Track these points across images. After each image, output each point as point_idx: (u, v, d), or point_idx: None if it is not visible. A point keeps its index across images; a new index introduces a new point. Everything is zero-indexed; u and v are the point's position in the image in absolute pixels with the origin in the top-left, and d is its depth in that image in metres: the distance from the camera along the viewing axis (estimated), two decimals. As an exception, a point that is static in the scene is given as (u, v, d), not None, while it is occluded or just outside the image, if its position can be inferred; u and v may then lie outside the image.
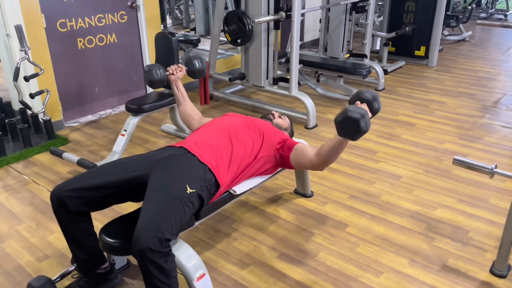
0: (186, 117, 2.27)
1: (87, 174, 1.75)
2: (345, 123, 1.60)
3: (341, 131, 1.64)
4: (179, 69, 2.32)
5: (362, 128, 1.58)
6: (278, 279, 1.99)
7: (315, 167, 1.94)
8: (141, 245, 1.40)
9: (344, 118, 1.59)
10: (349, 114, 1.58)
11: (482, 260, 2.10)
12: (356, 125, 1.58)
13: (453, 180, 2.82)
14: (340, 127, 1.63)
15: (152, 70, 2.25)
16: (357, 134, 1.61)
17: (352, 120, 1.58)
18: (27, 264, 2.10)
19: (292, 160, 1.99)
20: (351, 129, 1.60)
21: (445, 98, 4.33)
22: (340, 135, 1.66)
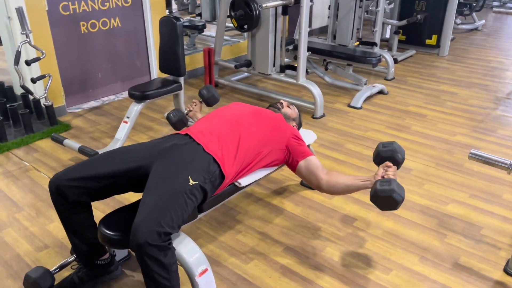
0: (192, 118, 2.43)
1: (88, 163, 1.68)
2: (386, 200, 1.61)
3: (377, 201, 1.65)
4: (194, 104, 2.41)
5: (397, 200, 1.59)
6: (282, 274, 1.93)
7: (318, 189, 1.91)
8: (139, 239, 1.33)
9: (388, 197, 1.60)
10: (395, 197, 1.59)
11: (495, 259, 2.02)
12: (395, 205, 1.61)
13: (465, 174, 2.72)
14: (379, 200, 1.64)
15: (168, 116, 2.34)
16: (389, 209, 1.65)
17: (395, 202, 1.60)
18: (26, 253, 2.04)
19: (300, 168, 1.93)
20: (388, 205, 1.63)
21: (456, 89, 4.21)
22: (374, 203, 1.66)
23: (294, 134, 1.97)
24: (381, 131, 3.32)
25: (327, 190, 1.87)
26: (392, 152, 1.81)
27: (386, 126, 3.40)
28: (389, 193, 1.59)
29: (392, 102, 3.91)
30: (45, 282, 1.76)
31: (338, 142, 3.15)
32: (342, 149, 3.05)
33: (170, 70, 3.10)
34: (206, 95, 2.42)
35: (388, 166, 1.73)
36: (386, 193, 1.59)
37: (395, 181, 1.63)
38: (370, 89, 3.92)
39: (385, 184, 1.61)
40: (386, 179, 1.65)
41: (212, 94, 2.42)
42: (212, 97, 2.43)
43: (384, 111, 3.71)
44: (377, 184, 1.63)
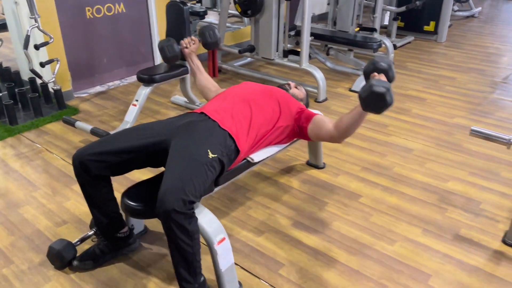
0: (203, 88, 2.30)
1: (109, 139, 1.76)
2: (371, 98, 1.60)
3: (366, 106, 1.65)
4: (192, 42, 2.30)
5: (388, 102, 1.59)
6: (293, 246, 2.02)
7: (333, 140, 1.95)
8: (166, 206, 1.42)
9: (370, 94, 1.59)
10: (375, 89, 1.57)
11: (494, 231, 2.13)
12: (383, 100, 1.58)
13: (464, 153, 2.83)
14: (366, 103, 1.64)
15: (164, 47, 2.22)
16: (382, 108, 1.62)
17: (378, 95, 1.58)
18: (46, 228, 2.13)
19: (310, 131, 2.00)
20: (377, 103, 1.60)
21: (455, 74, 4.30)
22: (366, 110, 1.66)
23: (299, 106, 2.07)
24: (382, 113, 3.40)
25: (341, 136, 1.89)
26: (374, 63, 1.77)
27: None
28: (369, 88, 1.57)
29: (393, 86, 3.97)
30: (68, 253, 1.86)
31: (341, 124, 3.24)
32: (345, 131, 3.14)
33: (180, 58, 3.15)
34: (210, 40, 2.33)
35: (373, 76, 1.71)
36: (366, 90, 1.58)
37: (375, 79, 1.62)
38: (370, 73, 4.00)
39: (365, 85, 1.62)
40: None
41: (216, 40, 2.34)
42: (215, 43, 2.35)
43: (385, 95, 3.80)
44: (360, 90, 1.64)
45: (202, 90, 2.32)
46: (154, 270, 1.88)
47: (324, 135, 1.97)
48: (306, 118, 2.02)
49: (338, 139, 1.93)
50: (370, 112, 1.68)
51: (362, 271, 1.88)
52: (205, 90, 2.30)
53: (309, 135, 2.02)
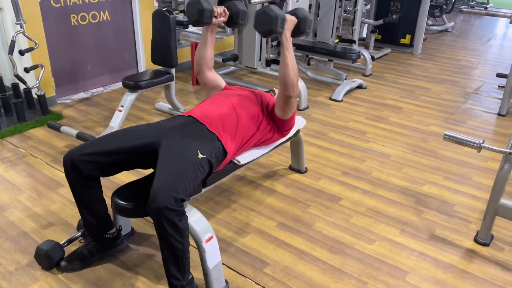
0: (202, 60, 2.22)
1: (100, 140, 1.80)
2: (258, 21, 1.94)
3: (260, 30, 1.95)
4: (223, 14, 2.11)
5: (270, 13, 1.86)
6: (278, 246, 2.09)
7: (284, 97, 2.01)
8: (158, 203, 1.47)
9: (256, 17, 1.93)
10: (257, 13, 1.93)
11: (467, 231, 2.25)
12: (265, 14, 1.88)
13: (439, 159, 2.97)
14: (258, 28, 1.96)
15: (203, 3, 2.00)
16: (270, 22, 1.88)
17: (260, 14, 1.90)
18: (32, 231, 2.14)
19: (275, 110, 2.10)
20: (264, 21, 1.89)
21: (429, 85, 4.49)
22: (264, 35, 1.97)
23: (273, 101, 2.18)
24: (361, 121, 3.54)
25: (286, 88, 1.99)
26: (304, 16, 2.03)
27: (366, 117, 3.63)
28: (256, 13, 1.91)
29: (371, 96, 4.14)
30: (56, 253, 1.88)
31: (322, 131, 3.35)
32: (326, 137, 3.25)
33: (162, 62, 3.21)
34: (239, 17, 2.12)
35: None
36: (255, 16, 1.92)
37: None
38: (350, 83, 4.15)
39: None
40: None
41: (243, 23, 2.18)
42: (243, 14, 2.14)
43: (363, 104, 3.94)
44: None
45: (199, 61, 2.22)
46: (141, 270, 1.92)
47: (278, 101, 2.07)
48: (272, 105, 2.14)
49: (286, 91, 1.98)
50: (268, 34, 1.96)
51: (343, 269, 1.96)
52: (203, 62, 2.22)
53: (277, 114, 2.10)
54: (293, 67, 1.96)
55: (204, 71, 2.23)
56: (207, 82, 2.25)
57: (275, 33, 1.93)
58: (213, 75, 2.26)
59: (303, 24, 2.01)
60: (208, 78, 2.24)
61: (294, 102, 2.07)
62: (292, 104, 2.07)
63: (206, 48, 2.20)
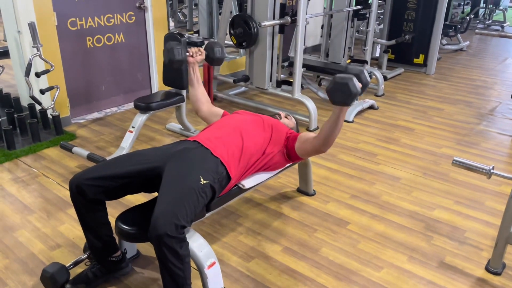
0: (196, 101, 2.30)
1: (105, 164, 1.83)
2: (335, 89, 1.73)
3: (334, 98, 1.76)
4: (199, 53, 2.25)
5: (352, 89, 1.70)
6: (282, 272, 2.07)
7: (317, 149, 2.02)
8: (158, 230, 1.48)
9: (334, 84, 1.73)
10: (338, 80, 1.72)
11: (478, 258, 2.19)
12: (346, 88, 1.70)
13: (450, 183, 2.91)
14: (332, 95, 1.75)
15: (174, 49, 2.14)
16: (348, 97, 1.72)
17: (341, 84, 1.70)
18: (40, 252, 2.16)
19: (297, 149, 2.09)
20: (342, 93, 1.72)
21: (443, 105, 4.44)
22: (334, 102, 1.76)
23: (287, 131, 2.18)
24: (372, 143, 3.51)
25: (324, 144, 1.96)
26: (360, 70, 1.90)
27: (377, 139, 3.60)
28: (333, 80, 1.73)
29: (382, 116, 4.12)
30: (61, 276, 1.89)
31: (332, 153, 3.33)
32: (335, 159, 3.23)
33: (173, 84, 3.27)
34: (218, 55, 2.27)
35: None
36: (331, 82, 1.73)
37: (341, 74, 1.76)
38: (361, 104, 4.13)
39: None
40: None
41: (222, 57, 2.30)
42: (221, 60, 2.31)
43: (375, 124, 3.92)
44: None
45: (195, 103, 2.31)
46: (145, 294, 1.92)
47: (308, 147, 2.06)
48: (293, 139, 2.13)
49: (322, 147, 1.99)
50: (339, 105, 1.78)
51: (348, 297, 1.93)
52: (198, 103, 2.30)
53: (297, 152, 2.10)
54: (339, 130, 1.94)
55: (202, 109, 2.31)
56: (207, 117, 2.32)
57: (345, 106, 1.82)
58: (211, 108, 2.32)
59: (361, 90, 1.88)
60: (206, 115, 2.31)
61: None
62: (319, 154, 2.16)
63: (194, 88, 2.30)
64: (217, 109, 2.34)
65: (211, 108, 2.33)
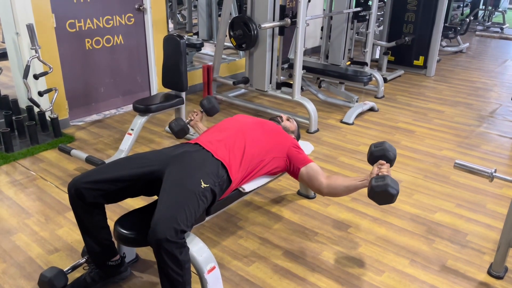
0: None
1: (104, 168, 1.81)
2: (382, 195, 1.75)
3: (374, 197, 1.77)
4: (195, 114, 2.57)
5: (394, 200, 1.74)
6: (283, 276, 2.05)
7: (319, 192, 2.07)
8: (158, 235, 1.46)
9: (384, 192, 1.73)
10: (390, 191, 1.72)
11: (480, 262, 2.17)
12: (391, 198, 1.74)
13: (451, 185, 2.89)
14: (375, 196, 1.76)
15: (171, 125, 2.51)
16: (386, 203, 1.76)
17: (390, 195, 1.73)
18: (37, 256, 2.14)
19: (302, 175, 2.08)
20: (385, 199, 1.75)
21: (443, 107, 4.43)
22: (372, 198, 1.78)
23: (294, 143, 2.13)
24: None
25: (328, 193, 2.02)
26: (384, 151, 1.96)
27: (377, 141, 3.57)
28: (384, 187, 1.72)
29: (382, 118, 4.10)
30: (59, 281, 1.86)
31: (332, 155, 3.31)
32: (336, 161, 3.21)
33: (173, 85, 3.25)
34: (207, 106, 2.59)
35: (381, 164, 1.88)
36: (381, 188, 1.72)
37: (389, 177, 1.76)
38: (361, 106, 4.12)
39: (380, 180, 1.75)
40: (381, 176, 1.78)
41: (213, 105, 2.59)
42: (213, 108, 2.59)
43: (375, 127, 3.90)
44: (372, 181, 1.77)
45: None
46: (144, 299, 1.90)
47: (313, 185, 2.06)
48: (302, 161, 2.10)
49: (325, 194, 2.05)
50: (374, 201, 1.80)
51: (350, 302, 1.91)
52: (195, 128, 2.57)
53: (300, 178, 2.10)
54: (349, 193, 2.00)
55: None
56: None
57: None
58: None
59: (393, 163, 1.98)
60: None
61: None
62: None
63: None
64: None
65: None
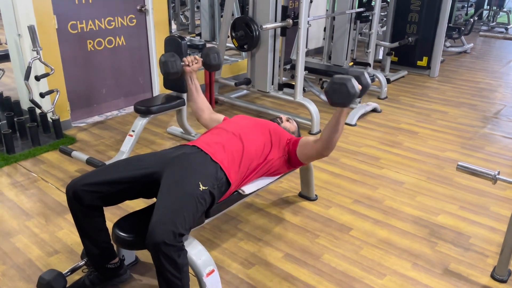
0: (196, 109, 2.30)
1: (102, 170, 1.80)
2: (334, 90, 1.72)
3: (332, 99, 1.75)
4: (195, 61, 2.25)
5: (350, 90, 1.70)
6: (283, 279, 2.03)
7: (319, 153, 2.01)
8: (155, 238, 1.44)
9: (333, 85, 1.72)
10: (336, 80, 1.72)
11: (483, 265, 2.14)
12: (344, 88, 1.70)
13: (455, 187, 2.86)
14: (331, 95, 1.74)
15: (168, 62, 2.17)
16: (347, 98, 1.71)
17: (339, 85, 1.71)
18: (37, 258, 2.13)
19: (299, 153, 2.07)
20: (340, 94, 1.72)
21: (446, 108, 4.39)
22: (333, 103, 1.75)
23: (289, 137, 2.14)
24: (375, 146, 3.47)
25: (325, 146, 1.95)
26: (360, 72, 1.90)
27: (379, 142, 3.55)
28: (330, 81, 1.74)
29: (385, 119, 4.07)
30: (58, 283, 1.85)
31: (334, 157, 3.29)
32: (338, 163, 3.19)
33: (173, 87, 3.24)
34: (214, 62, 2.26)
35: None
36: (329, 83, 1.74)
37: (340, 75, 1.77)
38: (364, 107, 4.09)
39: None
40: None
41: (219, 63, 2.29)
42: (218, 66, 2.31)
43: (378, 128, 3.87)
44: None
45: (196, 111, 2.31)
46: (143, 302, 1.89)
47: (310, 151, 2.04)
48: (294, 144, 2.10)
49: (324, 150, 1.98)
50: (338, 106, 1.77)
51: (351, 305, 1.89)
52: (199, 111, 2.30)
53: (299, 157, 2.08)
54: (341, 132, 1.92)
55: (203, 116, 2.30)
56: (208, 124, 2.29)
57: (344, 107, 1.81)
58: (212, 115, 2.30)
59: (362, 92, 1.89)
60: (208, 122, 2.29)
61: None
62: (321, 158, 2.09)
63: (193, 96, 2.28)
64: (217, 116, 2.32)
65: (212, 115, 2.31)
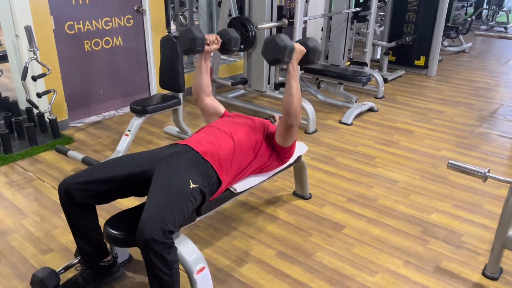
0: (200, 91, 2.22)
1: (94, 168, 1.82)
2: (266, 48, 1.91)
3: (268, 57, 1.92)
4: (215, 42, 2.13)
5: (279, 43, 1.85)
6: (275, 277, 2.05)
7: (285, 124, 2.00)
8: (145, 235, 1.46)
9: (264, 43, 1.91)
10: (266, 39, 1.92)
11: (474, 263, 2.16)
12: (274, 43, 1.86)
13: (449, 186, 2.87)
14: (265, 54, 1.92)
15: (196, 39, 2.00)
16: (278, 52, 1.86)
17: (269, 42, 1.89)
18: (31, 256, 2.15)
19: (276, 137, 2.09)
20: (272, 49, 1.88)
21: (443, 107, 4.40)
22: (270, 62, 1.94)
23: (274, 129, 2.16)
24: (370, 146, 3.48)
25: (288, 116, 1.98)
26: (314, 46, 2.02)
27: (375, 141, 3.57)
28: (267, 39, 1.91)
29: (382, 119, 4.08)
30: (51, 281, 1.87)
31: (330, 156, 3.30)
32: (333, 162, 3.20)
33: (170, 86, 3.26)
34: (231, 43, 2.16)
35: None
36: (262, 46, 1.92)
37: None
38: (360, 106, 4.10)
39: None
40: None
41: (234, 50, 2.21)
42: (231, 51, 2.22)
43: (374, 127, 3.89)
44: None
45: (197, 89, 2.22)
46: (136, 299, 1.90)
47: (279, 128, 2.06)
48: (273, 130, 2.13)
49: (287, 119, 1.98)
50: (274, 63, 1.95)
51: (342, 302, 1.90)
52: (200, 90, 2.22)
53: (277, 140, 2.09)
54: (297, 96, 1.95)
55: (202, 97, 2.24)
56: (206, 108, 2.25)
57: (282, 63, 1.92)
58: (212, 101, 2.26)
59: (311, 55, 2.00)
60: (207, 104, 2.24)
61: (296, 130, 2.05)
62: (293, 133, 2.05)
63: (201, 75, 2.20)
64: (220, 106, 2.28)
65: (214, 102, 2.26)
